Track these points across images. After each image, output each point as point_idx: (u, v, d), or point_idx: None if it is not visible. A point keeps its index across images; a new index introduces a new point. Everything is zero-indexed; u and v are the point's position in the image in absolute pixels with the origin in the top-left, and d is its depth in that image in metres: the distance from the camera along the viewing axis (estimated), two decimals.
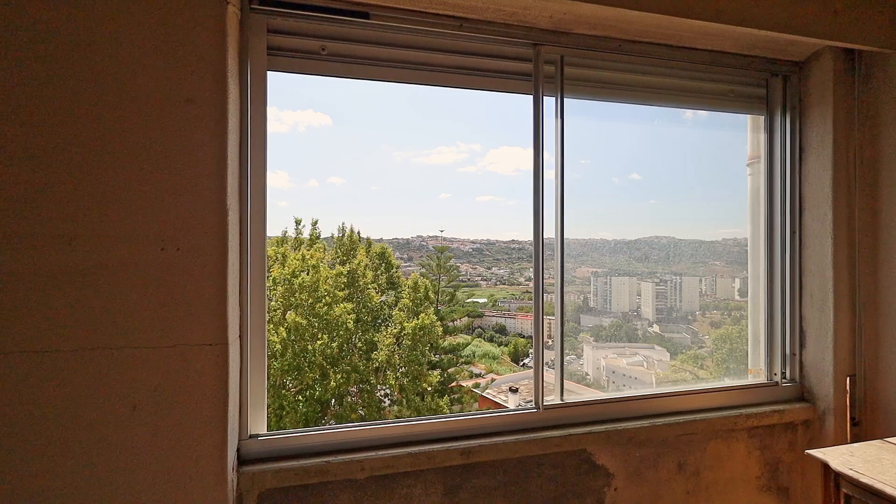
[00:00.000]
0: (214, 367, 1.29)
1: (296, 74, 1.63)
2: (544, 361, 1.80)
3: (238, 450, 1.45)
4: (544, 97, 1.80)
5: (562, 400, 1.77)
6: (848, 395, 1.93)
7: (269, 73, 1.58)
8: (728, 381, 2.08)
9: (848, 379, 1.94)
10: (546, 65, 1.81)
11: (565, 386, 1.78)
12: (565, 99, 1.83)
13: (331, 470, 1.45)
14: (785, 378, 2.08)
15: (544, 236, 1.76)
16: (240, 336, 1.45)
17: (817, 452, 1.54)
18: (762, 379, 2.11)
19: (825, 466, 1.50)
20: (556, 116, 1.82)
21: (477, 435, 1.64)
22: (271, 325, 12.25)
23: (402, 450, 1.53)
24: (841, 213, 1.95)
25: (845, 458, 1.47)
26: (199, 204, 1.28)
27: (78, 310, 1.20)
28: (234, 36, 1.40)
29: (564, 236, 1.81)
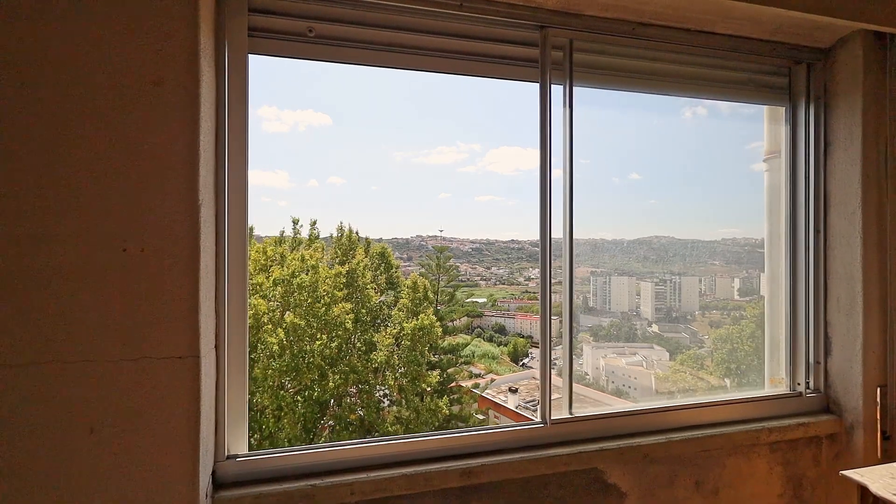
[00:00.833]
0: (184, 383, 1.14)
1: (280, 58, 1.49)
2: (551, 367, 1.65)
3: (213, 473, 1.31)
4: (552, 85, 1.65)
5: (571, 413, 1.63)
6: (878, 408, 1.79)
7: (250, 56, 1.44)
8: (749, 392, 1.93)
9: (878, 389, 1.80)
10: (554, 50, 1.67)
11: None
12: (574, 87, 1.69)
13: (317, 495, 1.30)
14: (809, 388, 1.94)
15: (552, 235, 1.62)
16: (216, 346, 1.30)
17: (853, 474, 1.39)
18: (784, 389, 1.97)
19: (863, 490, 1.36)
20: (565, 105, 1.68)
21: (478, 453, 1.50)
22: (269, 326, 12.10)
23: (397, 471, 1.39)
24: (871, 211, 1.81)
25: (887, 482, 1.33)
26: (167, 199, 1.14)
27: (29, 319, 1.06)
28: (209, 11, 1.25)
29: (571, 236, 1.67)
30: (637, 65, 1.82)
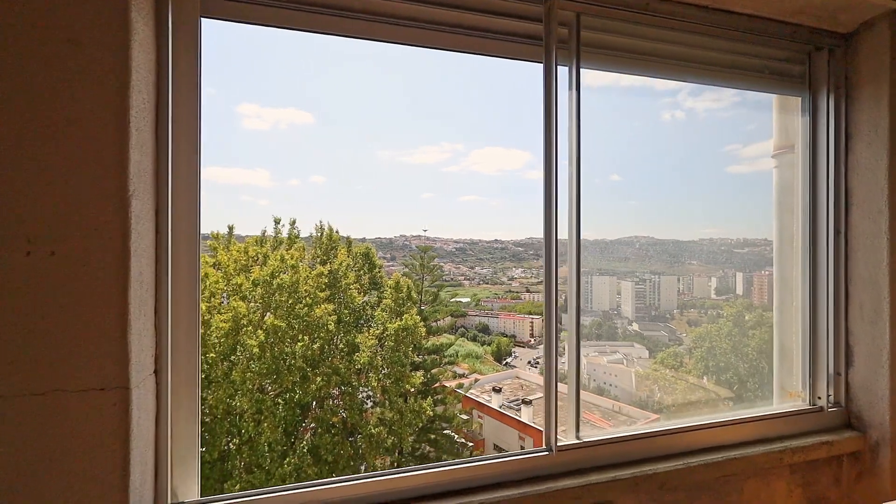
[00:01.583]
0: (109, 421, 0.90)
1: (239, 24, 1.25)
2: (557, 373, 1.45)
3: None
4: (558, 66, 1.45)
5: (578, 438, 1.43)
6: None
7: (204, 21, 1.20)
8: (767, 408, 1.77)
9: None
10: (560, 27, 1.47)
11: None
12: (581, 69, 1.49)
13: None
14: (829, 402, 1.79)
15: (558, 235, 1.42)
16: (155, 371, 1.06)
17: None
18: (801, 403, 1.81)
19: None
20: (571, 88, 1.48)
21: (475, 488, 1.29)
22: (250, 328, 11.69)
23: None
24: None
25: None
26: (85, 189, 0.89)
27: None
28: None
29: (578, 235, 1.47)
30: (648, 46, 1.64)
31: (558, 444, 1.39)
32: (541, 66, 1.46)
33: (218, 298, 12.26)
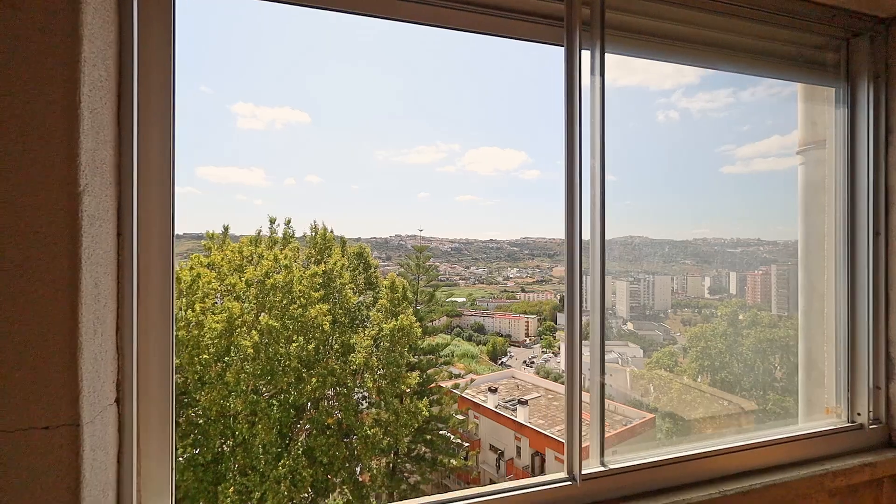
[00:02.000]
0: (55, 465, 0.74)
1: (231, 10, 1.09)
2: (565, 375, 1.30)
3: None
4: (581, 49, 1.29)
5: (604, 465, 1.28)
6: None
7: None
8: (804, 426, 1.62)
9: None
10: (582, 6, 1.31)
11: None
12: (606, 54, 1.33)
13: None
14: (869, 418, 1.64)
15: (582, 235, 1.26)
16: (117, 401, 0.90)
17: None
18: (835, 419, 1.67)
19: None
20: (594, 73, 1.32)
21: None
22: (244, 329, 11.49)
23: None
24: None
25: None
26: (22, 184, 0.73)
27: None
28: None
29: (603, 234, 1.32)
30: (674, 29, 1.49)
31: (583, 472, 1.24)
32: (561, 49, 1.31)
33: (212, 299, 12.03)
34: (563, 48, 1.30)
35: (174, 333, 0.99)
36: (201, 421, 11.64)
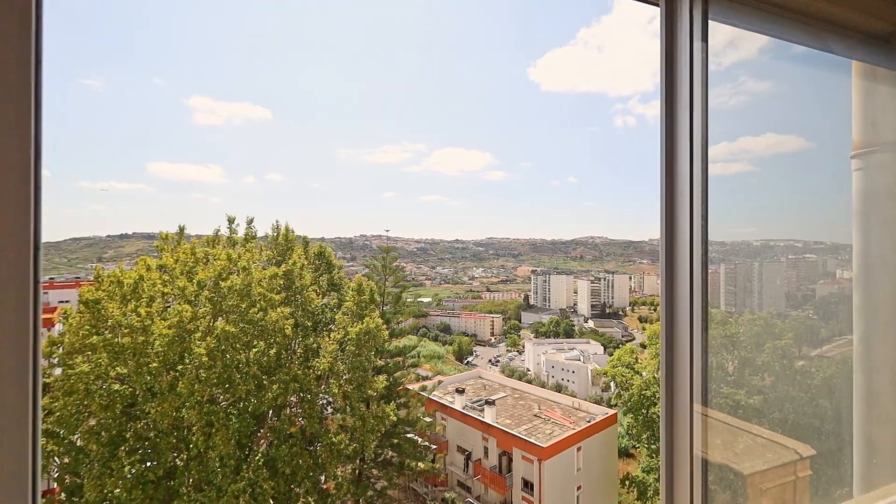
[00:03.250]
0: None
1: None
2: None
3: None
4: (681, 7, 1.09)
5: None
6: None
7: None
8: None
9: None
10: None
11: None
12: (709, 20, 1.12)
13: None
14: None
15: (674, 232, 1.01)
16: None
17: None
18: None
19: None
20: (693, 38, 1.10)
21: None
22: (198, 334, 10.81)
23: None
24: None
25: None
26: None
27: None
28: None
29: (706, 229, 1.05)
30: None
31: None
32: (657, 9, 1.12)
33: (161, 304, 11.28)
34: (659, 8, 1.11)
35: (36, 369, 0.76)
36: (151, 434, 10.89)
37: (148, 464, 10.65)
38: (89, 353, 9.93)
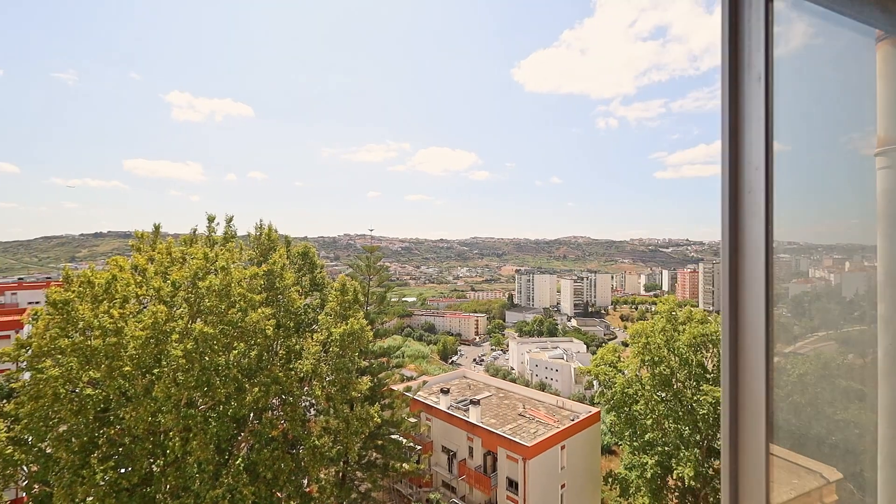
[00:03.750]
0: None
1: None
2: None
3: None
4: None
5: None
6: None
7: None
8: None
9: None
10: None
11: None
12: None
13: None
14: None
15: (742, 229, 0.85)
16: None
17: None
18: None
19: None
20: (761, 21, 0.91)
21: None
22: (175, 336, 10.43)
23: None
24: None
25: None
26: None
27: None
28: None
29: (769, 226, 0.90)
30: None
31: None
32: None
33: (133, 305, 10.88)
34: None
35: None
36: (126, 440, 10.49)
37: (122, 470, 10.27)
38: (59, 356, 9.52)
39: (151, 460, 10.93)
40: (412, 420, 17.55)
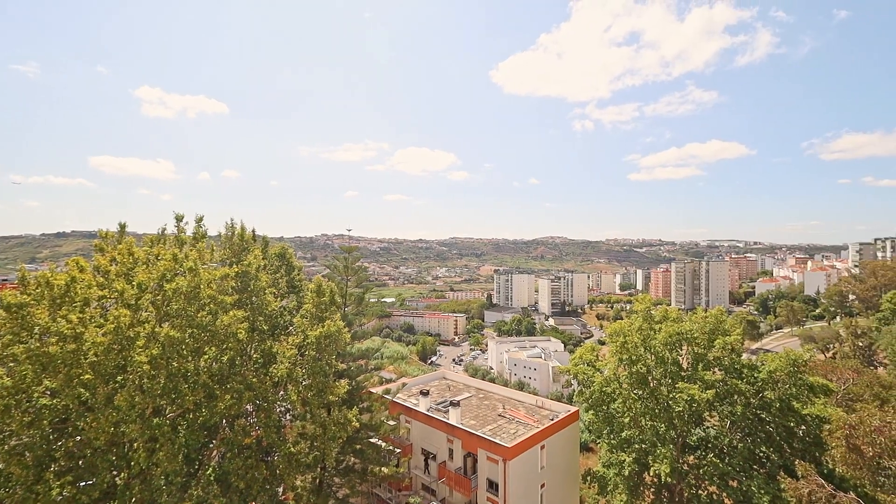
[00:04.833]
0: None
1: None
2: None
3: None
4: None
5: None
6: None
7: None
8: None
9: None
10: None
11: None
12: None
13: None
14: None
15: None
16: None
17: None
18: None
19: None
20: None
21: None
22: (141, 341, 9.87)
23: None
24: None
25: None
26: None
27: None
28: None
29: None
30: None
31: None
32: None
33: (95, 308, 10.25)
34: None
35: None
36: (87, 452, 9.87)
37: (82, 484, 9.66)
38: (11, 364, 8.87)
39: (115, 473, 10.33)
40: (391, 423, 17.23)
